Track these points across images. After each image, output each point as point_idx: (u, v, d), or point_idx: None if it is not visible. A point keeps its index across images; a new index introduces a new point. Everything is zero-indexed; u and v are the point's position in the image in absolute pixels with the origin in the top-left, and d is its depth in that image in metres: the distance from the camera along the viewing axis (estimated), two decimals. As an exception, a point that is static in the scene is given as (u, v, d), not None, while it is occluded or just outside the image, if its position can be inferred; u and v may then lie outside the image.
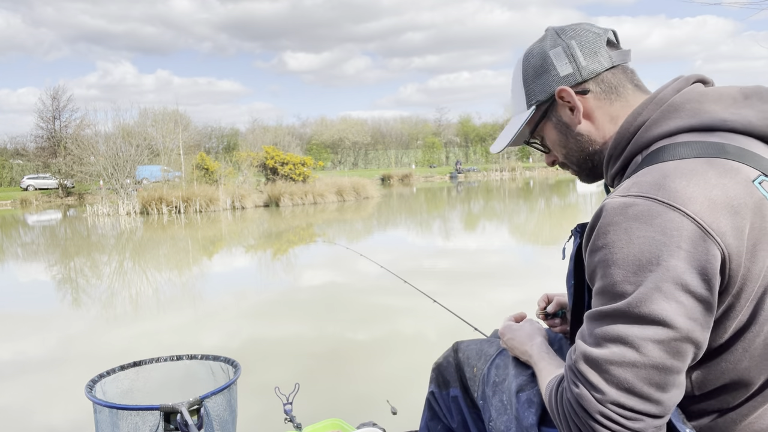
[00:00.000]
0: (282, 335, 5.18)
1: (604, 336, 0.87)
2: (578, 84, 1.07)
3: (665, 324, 0.83)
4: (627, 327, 0.85)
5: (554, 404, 0.97)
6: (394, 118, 68.36)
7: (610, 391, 0.86)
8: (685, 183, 0.87)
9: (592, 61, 1.06)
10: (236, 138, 53.16)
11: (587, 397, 0.87)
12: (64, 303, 7.42)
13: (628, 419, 0.85)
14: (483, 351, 1.43)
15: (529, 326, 1.30)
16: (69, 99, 42.88)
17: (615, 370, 0.85)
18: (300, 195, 22.87)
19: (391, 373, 4.00)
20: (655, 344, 0.84)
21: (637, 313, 0.84)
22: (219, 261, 10.53)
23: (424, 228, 14.79)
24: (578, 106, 1.07)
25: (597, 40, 1.07)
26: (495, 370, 1.35)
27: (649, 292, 0.83)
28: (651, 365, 0.84)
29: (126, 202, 22.44)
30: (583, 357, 0.89)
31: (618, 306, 0.86)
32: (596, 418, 0.87)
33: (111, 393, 1.67)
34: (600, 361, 0.87)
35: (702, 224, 0.84)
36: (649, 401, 0.85)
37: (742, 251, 0.85)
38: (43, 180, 39.44)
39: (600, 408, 0.86)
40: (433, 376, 1.52)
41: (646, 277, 0.84)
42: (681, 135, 0.96)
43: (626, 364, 0.85)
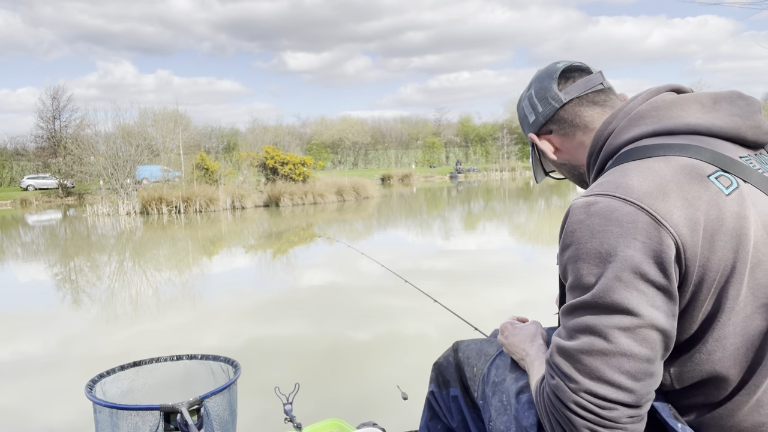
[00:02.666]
0: (282, 335, 5.18)
1: (574, 328, 0.91)
2: (541, 127, 1.22)
3: (629, 312, 0.87)
4: (594, 317, 0.89)
5: (538, 400, 1.00)
6: (394, 118, 68.40)
7: (582, 380, 0.89)
8: (641, 179, 0.93)
9: (545, 106, 1.20)
10: (236, 138, 53.14)
11: (562, 387, 0.91)
12: (64, 303, 7.42)
13: (602, 408, 0.88)
14: (483, 351, 1.43)
15: (534, 327, 1.32)
16: (69, 99, 42.90)
17: (586, 359, 0.89)
18: (300, 195, 22.86)
19: (391, 373, 3.99)
20: (621, 332, 0.88)
21: (602, 303, 0.89)
22: (219, 261, 10.53)
23: (424, 228, 14.79)
24: (545, 147, 1.22)
25: (548, 83, 1.20)
26: (495, 370, 1.35)
27: (611, 282, 0.88)
28: (620, 353, 0.87)
29: (126, 202, 22.44)
30: (557, 349, 0.93)
31: (584, 298, 0.90)
32: (571, 408, 0.89)
33: (111, 393, 1.67)
34: (571, 351, 0.90)
35: (655, 216, 0.89)
36: (621, 389, 0.87)
37: (697, 242, 0.89)
38: (43, 180, 39.43)
39: (574, 397, 0.89)
40: (433, 375, 1.53)
41: (607, 269, 0.88)
42: (645, 139, 1.03)
43: (596, 353, 0.88)
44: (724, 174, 0.95)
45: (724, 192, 0.92)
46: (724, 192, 0.92)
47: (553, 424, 0.94)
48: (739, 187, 0.94)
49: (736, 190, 0.93)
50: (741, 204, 0.92)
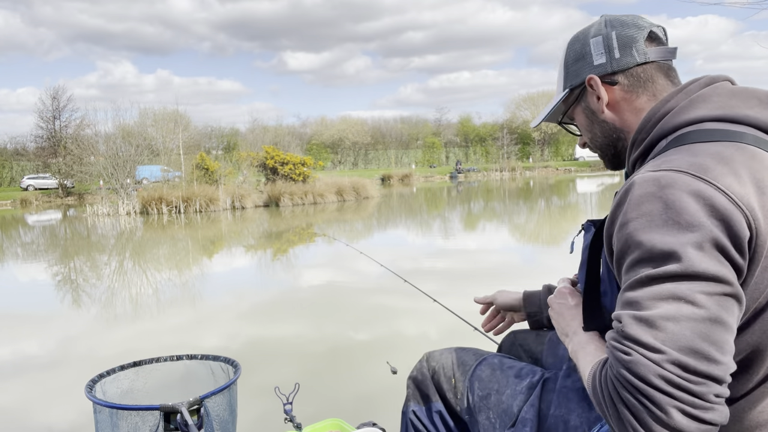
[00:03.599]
0: (282, 335, 5.17)
1: (654, 296, 0.83)
2: (608, 75, 1.12)
3: (714, 279, 0.81)
4: (677, 284, 0.82)
5: (599, 389, 0.87)
6: (394, 118, 68.35)
7: (668, 350, 0.79)
8: (715, 162, 0.89)
9: (625, 55, 1.10)
10: (236, 138, 53.11)
11: (642, 362, 0.79)
12: (64, 303, 7.42)
13: (692, 383, 0.78)
14: (460, 360, 1.40)
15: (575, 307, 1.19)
16: (69, 99, 42.86)
17: (671, 326, 0.80)
18: (300, 195, 22.86)
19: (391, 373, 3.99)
20: (708, 297, 0.81)
21: (686, 270, 0.82)
22: (219, 261, 10.52)
23: (424, 228, 14.78)
24: (603, 96, 1.12)
25: (637, 34, 1.10)
26: (478, 383, 1.33)
27: (693, 250, 0.82)
28: (708, 318, 0.80)
29: (126, 202, 22.44)
30: (634, 319, 0.83)
31: (664, 267, 0.83)
32: (655, 384, 0.78)
33: (111, 393, 1.67)
34: (653, 318, 0.81)
35: (732, 197, 0.85)
36: (711, 361, 0.78)
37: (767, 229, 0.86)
38: (43, 180, 39.42)
39: (658, 370, 0.78)
40: (410, 391, 1.48)
41: (688, 238, 0.83)
42: (707, 123, 0.99)
43: (683, 319, 0.80)
44: None
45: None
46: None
47: (626, 415, 0.81)
48: None
49: None
50: None
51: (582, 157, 57.26)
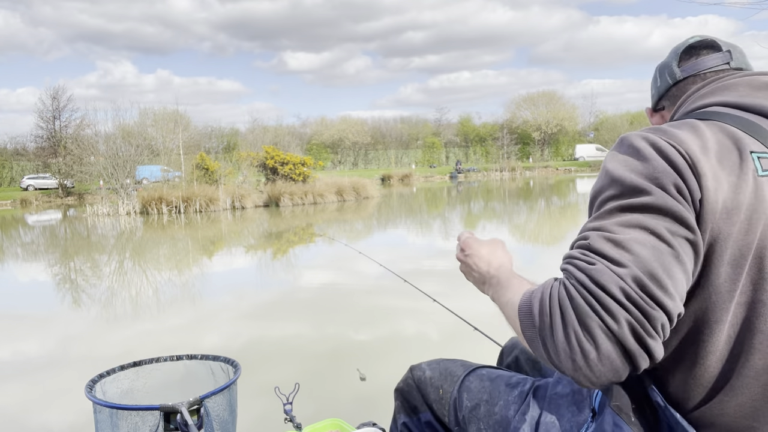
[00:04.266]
0: (282, 335, 5.17)
1: (622, 224, 0.86)
2: (657, 102, 1.24)
3: (679, 220, 0.85)
4: (645, 216, 0.86)
5: (547, 301, 0.85)
6: (394, 118, 68.34)
7: (632, 267, 0.80)
8: (688, 134, 0.93)
9: (662, 81, 1.20)
10: (236, 138, 53.09)
11: (605, 271, 0.80)
12: (64, 303, 7.42)
13: (647, 304, 0.78)
14: (448, 371, 1.39)
15: (501, 244, 1.22)
16: (69, 99, 42.83)
17: (637, 248, 0.81)
18: (300, 195, 22.86)
19: (391, 373, 3.99)
20: (672, 235, 0.84)
21: (654, 203, 0.86)
22: (219, 261, 10.52)
23: (424, 228, 14.78)
24: (651, 122, 1.23)
25: (670, 58, 1.19)
26: (467, 394, 1.32)
27: (662, 193, 0.87)
28: (670, 253, 0.82)
29: (126, 202, 22.44)
30: (602, 237, 0.85)
31: (635, 199, 0.87)
32: (613, 293, 0.78)
33: (111, 393, 1.67)
34: (620, 239, 0.83)
35: (693, 164, 0.89)
36: (666, 292, 0.80)
37: (716, 207, 0.87)
38: (43, 180, 39.42)
39: (620, 282, 0.79)
40: (398, 404, 1.48)
41: (659, 179, 0.88)
42: (715, 107, 1.03)
43: (648, 246, 0.82)
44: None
45: (758, 171, 0.91)
46: (759, 172, 0.91)
47: (572, 321, 0.79)
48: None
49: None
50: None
51: (582, 157, 57.27)
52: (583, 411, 1.14)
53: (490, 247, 1.19)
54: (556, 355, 0.81)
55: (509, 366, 1.59)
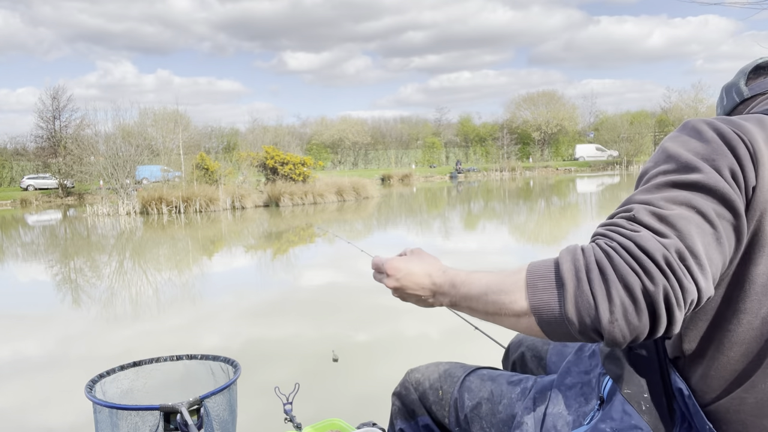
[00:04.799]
0: (282, 335, 5.17)
1: (670, 200, 0.85)
2: None
3: (727, 203, 0.84)
4: (694, 195, 0.85)
5: (582, 260, 0.82)
6: (394, 118, 68.35)
7: (675, 239, 0.79)
8: (751, 124, 0.92)
9: (729, 99, 1.20)
10: (236, 138, 53.09)
11: (649, 237, 0.79)
12: (64, 303, 7.42)
13: (685, 277, 0.78)
14: (447, 372, 1.39)
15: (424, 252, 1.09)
16: (69, 99, 42.82)
17: (683, 224, 0.81)
18: (300, 195, 22.86)
19: (391, 373, 3.99)
20: (719, 218, 0.83)
21: (705, 182, 0.85)
22: (219, 261, 10.52)
23: (424, 228, 14.78)
24: None
25: (739, 76, 1.19)
26: (468, 393, 1.31)
27: (716, 173, 0.86)
28: (713, 235, 0.82)
29: (126, 202, 22.44)
30: (647, 211, 0.84)
31: (686, 175, 0.87)
32: (656, 258, 0.77)
33: (111, 393, 1.67)
34: (666, 215, 0.82)
35: (751, 148, 0.88)
36: (703, 271, 0.79)
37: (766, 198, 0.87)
38: (43, 180, 39.41)
39: (662, 250, 0.78)
40: (396, 408, 1.47)
41: (715, 160, 0.87)
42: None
43: (693, 224, 0.82)
44: None
45: None
46: None
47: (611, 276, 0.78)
48: None
49: None
50: None
51: (582, 157, 57.29)
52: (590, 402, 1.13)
53: (418, 259, 1.06)
54: (587, 306, 0.79)
55: (515, 363, 1.59)
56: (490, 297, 0.92)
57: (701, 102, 57.83)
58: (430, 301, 1.03)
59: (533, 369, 1.52)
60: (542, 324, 0.83)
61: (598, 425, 1.05)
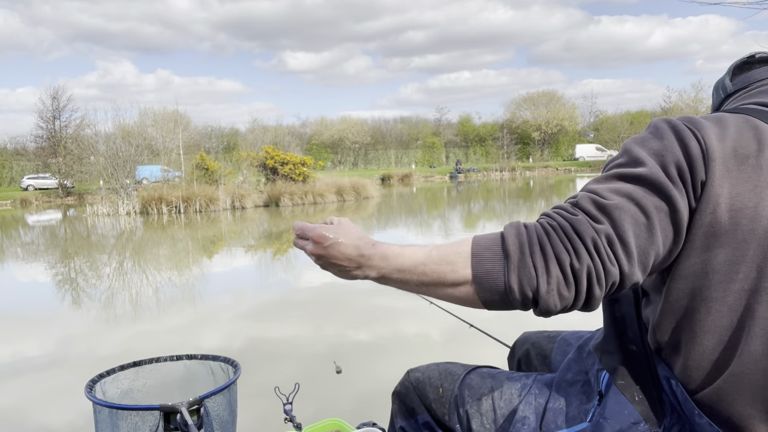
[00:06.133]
0: (282, 335, 5.17)
1: (612, 190, 0.91)
2: None
3: (666, 198, 0.90)
4: (635, 187, 0.91)
5: (525, 235, 0.89)
6: (394, 118, 68.35)
7: (607, 227, 0.87)
8: (708, 122, 0.96)
9: (716, 96, 1.23)
10: (236, 138, 53.10)
11: (584, 222, 0.88)
12: (64, 303, 7.42)
13: (609, 259, 0.86)
14: (447, 371, 1.39)
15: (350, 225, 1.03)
16: (69, 99, 42.87)
17: (618, 214, 0.88)
18: (300, 195, 22.86)
19: (391, 373, 3.99)
20: (656, 211, 0.89)
21: (647, 175, 0.90)
22: (219, 261, 10.52)
23: (424, 227, 14.79)
24: None
25: (726, 73, 1.21)
26: (468, 390, 1.32)
27: (657, 168, 0.91)
28: (646, 226, 0.89)
29: (126, 202, 22.44)
30: (590, 199, 0.92)
31: (631, 168, 0.93)
32: (586, 242, 0.86)
33: (111, 393, 1.67)
34: (605, 204, 0.89)
35: (695, 132, 0.93)
36: (629, 257, 0.87)
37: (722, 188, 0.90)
38: (43, 180, 39.41)
39: (593, 234, 0.87)
40: (396, 407, 1.47)
41: (662, 157, 0.92)
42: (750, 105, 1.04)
43: (629, 215, 0.88)
44: None
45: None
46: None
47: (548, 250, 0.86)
48: None
49: None
50: None
51: (582, 157, 57.27)
52: (591, 399, 1.14)
53: (345, 230, 1.00)
54: (529, 278, 0.86)
55: (520, 361, 1.60)
56: (429, 267, 0.93)
57: (701, 102, 57.76)
58: (353, 273, 0.99)
59: (538, 367, 1.54)
60: (482, 292, 0.89)
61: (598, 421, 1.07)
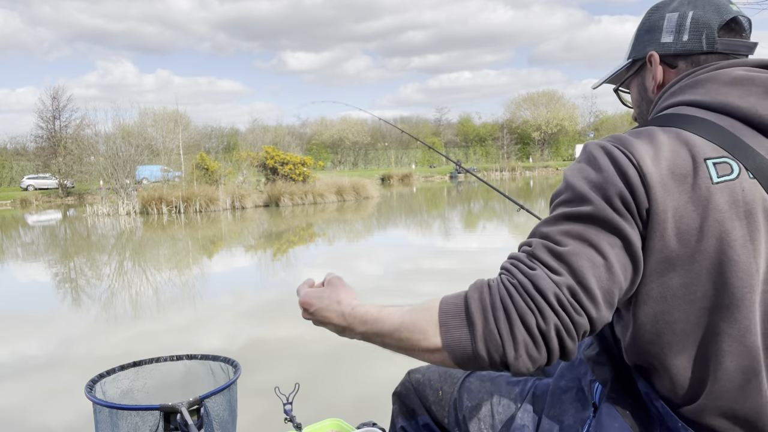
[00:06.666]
0: (282, 335, 5.17)
1: (565, 233, 0.89)
2: (669, 56, 1.08)
3: (618, 234, 0.87)
4: (587, 227, 0.88)
5: (488, 298, 0.87)
6: (394, 118, 68.34)
7: (568, 277, 0.85)
8: (645, 145, 0.92)
9: (693, 39, 1.05)
10: (236, 138, 53.10)
11: (543, 277, 0.85)
12: (64, 303, 7.42)
13: (575, 311, 0.84)
14: (447, 373, 1.39)
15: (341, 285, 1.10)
16: (69, 99, 42.93)
17: (575, 260, 0.86)
18: (300, 195, 22.86)
19: (391, 373, 3.99)
20: (611, 248, 0.87)
21: (596, 214, 0.88)
22: (219, 261, 10.52)
23: (424, 228, 14.78)
24: (657, 76, 1.09)
25: (713, 19, 1.04)
26: (467, 394, 1.32)
27: (603, 205, 0.88)
28: (604, 266, 0.86)
29: (126, 202, 22.44)
30: (544, 247, 0.89)
31: (579, 208, 0.90)
32: (549, 298, 0.83)
33: (111, 393, 1.67)
34: (560, 251, 0.87)
35: (640, 170, 0.89)
36: (595, 303, 0.85)
37: (666, 213, 0.88)
38: (43, 180, 39.41)
39: (555, 289, 0.84)
40: (396, 408, 1.48)
41: (605, 190, 0.89)
42: (681, 107, 1.00)
43: (585, 259, 0.86)
44: (729, 161, 0.91)
45: (712, 179, 0.89)
46: (713, 179, 0.89)
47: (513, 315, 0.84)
48: (737, 179, 0.90)
49: (730, 181, 0.89)
50: (726, 195, 0.89)
51: (582, 157, 57.21)
52: (586, 408, 1.14)
53: (330, 293, 1.07)
54: (495, 345, 0.84)
55: None
56: (403, 334, 0.93)
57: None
58: (341, 334, 1.07)
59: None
60: (456, 359, 0.87)
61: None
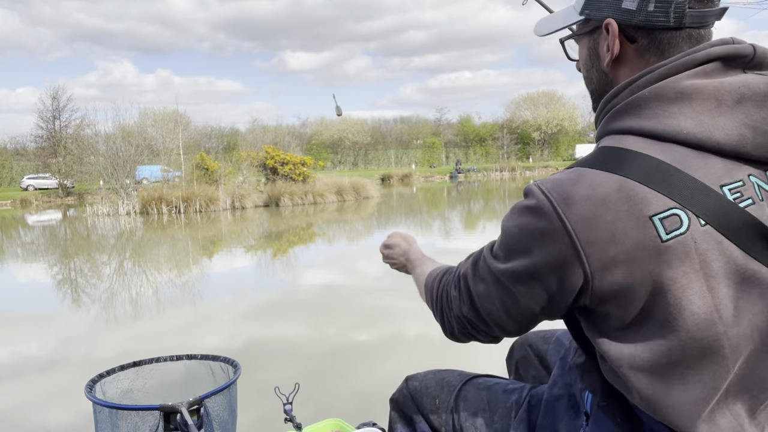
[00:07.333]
0: (282, 335, 5.17)
1: (489, 270, 1.00)
2: (629, 26, 0.94)
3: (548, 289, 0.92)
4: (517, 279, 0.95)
5: (437, 284, 1.19)
6: (394, 118, 68.43)
7: (470, 311, 1.05)
8: (583, 193, 0.86)
9: (659, 11, 0.90)
10: (236, 138, 53.11)
11: (456, 302, 1.09)
12: (64, 303, 7.42)
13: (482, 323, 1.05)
14: (444, 380, 1.39)
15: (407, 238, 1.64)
16: (69, 99, 42.96)
17: (480, 302, 1.02)
18: (300, 195, 22.86)
19: (391, 373, 3.99)
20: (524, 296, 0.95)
21: (529, 271, 0.92)
22: (219, 261, 10.52)
23: (424, 228, 14.78)
24: (614, 49, 0.96)
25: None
26: (463, 403, 1.32)
27: (521, 273, 0.94)
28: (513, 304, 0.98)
29: (126, 202, 22.43)
30: (473, 273, 1.05)
31: (514, 263, 0.95)
32: (455, 316, 1.10)
33: (111, 393, 1.67)
34: (474, 291, 1.04)
35: (578, 247, 0.86)
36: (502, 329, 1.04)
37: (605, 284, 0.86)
38: (43, 180, 39.42)
39: (458, 313, 1.08)
40: (394, 414, 1.48)
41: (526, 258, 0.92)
42: (628, 138, 0.90)
43: (497, 299, 0.99)
44: (677, 212, 0.82)
45: (661, 237, 0.82)
46: (662, 237, 0.82)
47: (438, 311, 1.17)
48: (687, 232, 0.82)
49: (681, 236, 0.82)
50: (678, 253, 0.82)
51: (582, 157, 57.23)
52: (578, 415, 1.14)
53: (400, 240, 1.64)
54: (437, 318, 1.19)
55: (518, 363, 1.60)
56: (417, 283, 1.37)
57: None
58: (402, 270, 1.58)
59: (536, 367, 1.54)
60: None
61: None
